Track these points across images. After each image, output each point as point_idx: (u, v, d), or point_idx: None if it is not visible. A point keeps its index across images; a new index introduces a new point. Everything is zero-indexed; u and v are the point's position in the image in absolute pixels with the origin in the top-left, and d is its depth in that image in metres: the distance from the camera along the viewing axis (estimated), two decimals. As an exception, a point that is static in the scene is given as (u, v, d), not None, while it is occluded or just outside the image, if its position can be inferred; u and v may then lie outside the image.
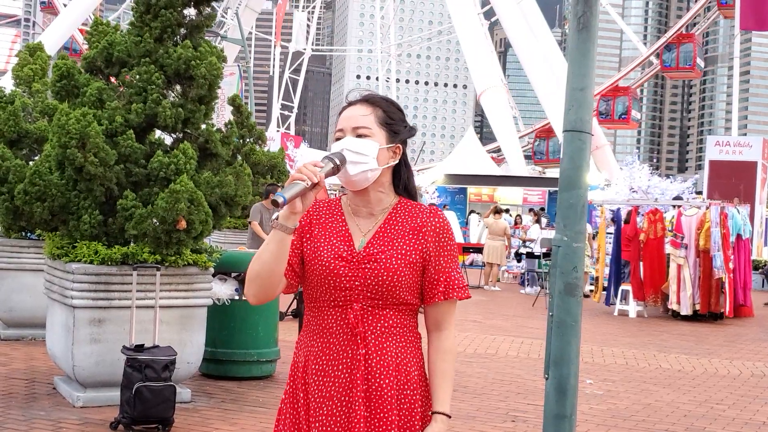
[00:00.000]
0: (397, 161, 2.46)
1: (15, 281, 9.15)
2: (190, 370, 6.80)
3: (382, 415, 2.33)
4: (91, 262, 6.38)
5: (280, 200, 2.20)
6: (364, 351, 2.34)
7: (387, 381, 2.34)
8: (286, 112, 63.11)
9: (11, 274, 9.17)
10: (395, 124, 2.45)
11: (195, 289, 6.75)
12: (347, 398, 2.33)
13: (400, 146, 2.46)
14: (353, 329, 2.34)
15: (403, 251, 2.38)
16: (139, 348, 5.97)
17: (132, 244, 6.57)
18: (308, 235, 2.43)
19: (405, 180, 2.49)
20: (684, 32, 43.21)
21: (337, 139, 2.41)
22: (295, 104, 65.72)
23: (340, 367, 2.35)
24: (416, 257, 2.39)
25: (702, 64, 43.86)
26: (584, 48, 3.91)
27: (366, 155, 2.36)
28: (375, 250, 2.37)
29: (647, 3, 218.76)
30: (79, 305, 6.31)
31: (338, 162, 2.33)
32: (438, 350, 2.45)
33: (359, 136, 2.39)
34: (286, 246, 2.32)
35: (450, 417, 2.43)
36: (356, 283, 2.35)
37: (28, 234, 9.31)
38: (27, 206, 6.53)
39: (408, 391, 2.38)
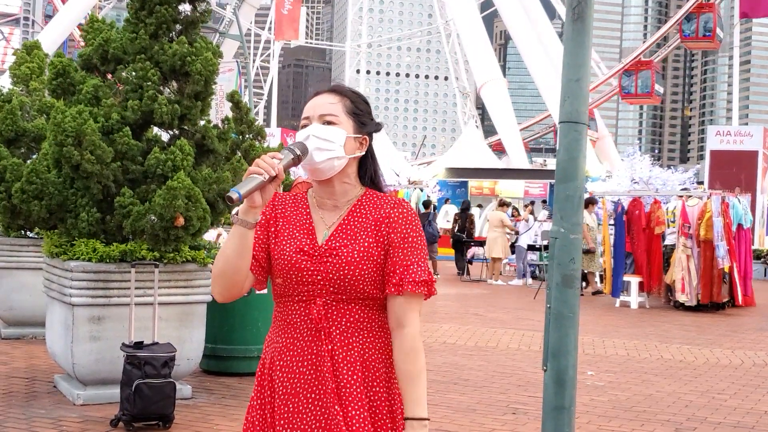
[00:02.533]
0: (363, 152, 2.41)
1: (14, 280, 9.16)
2: (190, 366, 6.80)
3: (354, 413, 2.25)
4: (90, 260, 6.37)
5: (235, 196, 2.14)
6: (329, 347, 2.27)
7: (354, 378, 2.27)
8: (256, 99, 62.99)
9: (10, 272, 9.17)
10: (362, 115, 2.40)
11: (194, 286, 6.74)
12: (314, 395, 2.27)
13: (367, 137, 2.41)
14: (317, 324, 2.28)
15: (366, 244, 2.31)
16: (139, 345, 5.97)
17: (130, 242, 6.56)
18: (273, 228, 2.39)
19: (371, 172, 2.44)
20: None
21: (303, 127, 2.37)
22: (265, 92, 65.13)
23: (306, 363, 2.28)
24: (378, 250, 2.31)
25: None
26: (579, 39, 3.90)
27: (333, 142, 2.32)
28: (337, 244, 2.31)
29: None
30: (78, 303, 6.30)
31: (299, 152, 2.28)
32: (399, 350, 2.32)
33: (326, 123, 2.34)
34: (249, 241, 2.28)
35: (426, 419, 2.31)
36: (318, 277, 2.29)
37: (27, 232, 9.31)
38: (25, 205, 6.52)
39: (376, 389, 2.30)
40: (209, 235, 10.16)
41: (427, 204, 21.67)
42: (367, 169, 2.44)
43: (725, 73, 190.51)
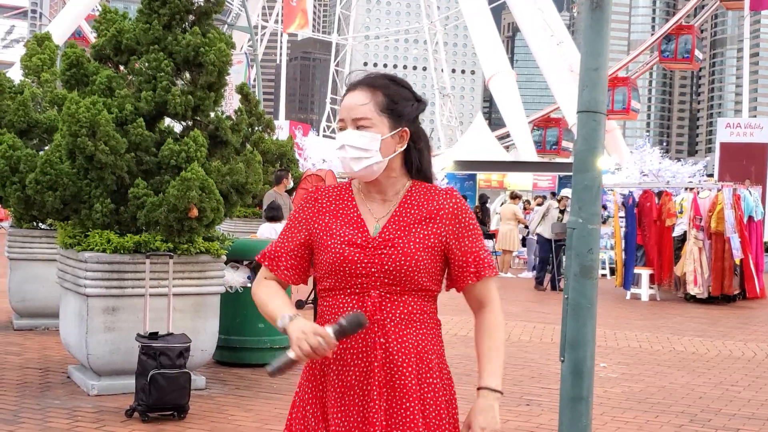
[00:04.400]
0: (404, 147, 2.35)
1: (27, 271, 9.18)
2: (204, 357, 6.80)
3: (403, 402, 2.25)
4: (104, 251, 6.38)
5: (269, 370, 2.20)
6: (383, 339, 2.26)
7: (409, 369, 2.26)
8: (335, 107, 62.62)
9: (23, 264, 9.19)
10: (398, 106, 2.33)
11: (208, 277, 6.74)
12: (366, 387, 2.26)
13: (407, 130, 2.35)
14: (371, 316, 2.25)
15: (421, 236, 2.30)
16: (154, 336, 5.97)
17: (144, 233, 6.57)
18: (318, 225, 2.36)
19: (417, 162, 2.39)
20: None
21: (341, 129, 2.34)
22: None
23: (360, 355, 2.27)
24: (434, 241, 2.31)
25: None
26: (598, 27, 3.87)
27: (368, 149, 2.28)
28: (391, 236, 2.29)
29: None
30: (92, 294, 6.31)
31: (349, 329, 2.19)
32: (483, 328, 2.40)
33: (359, 127, 2.30)
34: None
35: (500, 392, 2.34)
36: (373, 269, 2.27)
37: (39, 224, 9.32)
38: (39, 195, 6.53)
39: (430, 379, 2.29)
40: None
41: (482, 198, 23.35)
42: (413, 160, 2.39)
43: (733, 65, 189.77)
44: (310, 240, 2.38)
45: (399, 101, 2.34)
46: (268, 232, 10.32)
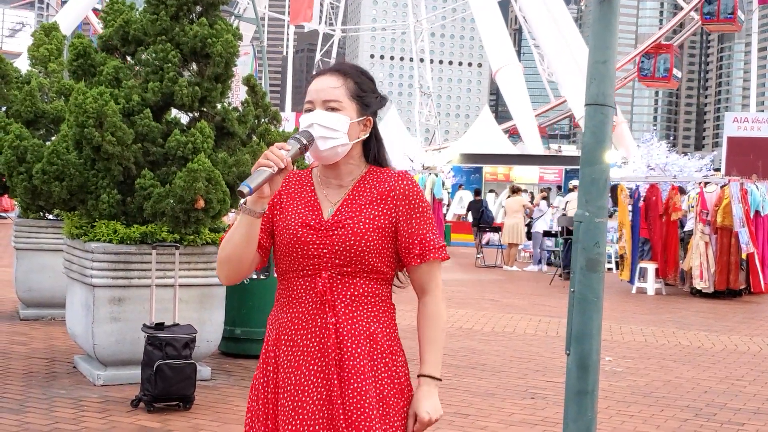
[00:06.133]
0: (367, 135, 2.42)
1: (33, 261, 9.20)
2: (210, 348, 6.82)
3: (356, 385, 2.28)
4: (110, 242, 6.39)
5: (246, 190, 2.18)
6: (334, 319, 2.30)
7: (359, 350, 2.29)
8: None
9: (30, 254, 9.21)
10: (366, 96, 2.40)
11: (214, 268, 6.74)
12: (318, 367, 2.29)
13: (371, 119, 2.42)
14: (321, 297, 2.30)
15: (371, 216, 2.34)
16: (160, 326, 5.98)
17: (151, 224, 6.57)
18: (279, 207, 2.42)
19: (375, 152, 2.46)
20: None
21: (307, 111, 2.37)
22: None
23: (310, 336, 2.31)
24: (385, 221, 2.35)
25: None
26: (606, 20, 3.86)
27: (337, 130, 2.32)
28: (342, 217, 2.34)
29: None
30: (98, 284, 6.33)
31: (306, 142, 2.29)
32: (423, 315, 2.42)
33: (330, 109, 2.34)
34: (256, 230, 2.31)
35: (439, 380, 2.39)
36: (324, 250, 2.32)
37: (46, 214, 9.34)
38: (45, 186, 6.54)
39: (382, 362, 2.33)
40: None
41: (477, 192, 23.53)
42: (371, 149, 2.46)
43: (741, 59, 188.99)
44: (272, 219, 2.43)
45: (367, 91, 2.42)
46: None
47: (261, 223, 2.36)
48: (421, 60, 68.08)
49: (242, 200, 2.27)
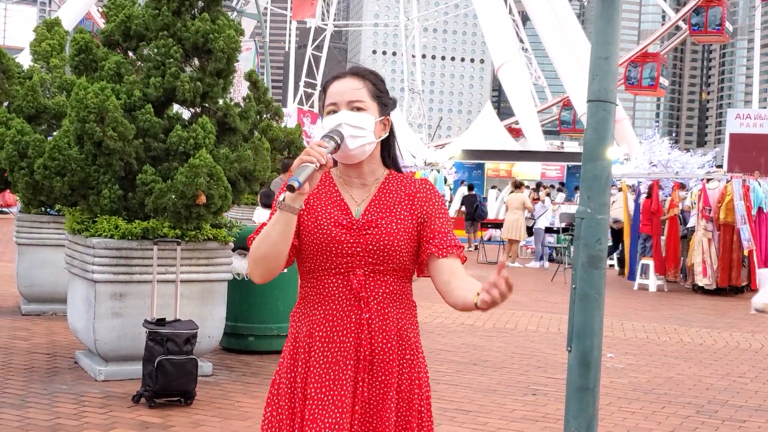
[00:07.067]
0: (387, 134, 2.50)
1: (35, 256, 9.19)
2: (211, 344, 6.82)
3: (383, 377, 2.37)
4: (112, 237, 6.39)
5: (296, 185, 2.20)
6: (367, 315, 2.37)
7: (389, 345, 2.39)
8: (309, 90, 62.21)
9: (31, 249, 9.21)
10: (384, 96, 2.48)
11: (215, 264, 6.75)
12: (353, 361, 2.36)
13: (389, 118, 2.51)
14: (357, 294, 2.37)
15: (401, 217, 2.42)
16: (161, 322, 5.98)
17: (152, 219, 6.57)
18: (306, 207, 2.43)
19: (393, 152, 2.54)
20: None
21: (330, 113, 2.42)
22: (318, 81, 64.96)
23: (345, 332, 2.37)
24: (412, 222, 2.43)
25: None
26: (608, 16, 3.85)
27: (364, 128, 2.39)
28: (374, 217, 2.41)
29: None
30: (100, 280, 6.33)
31: (339, 140, 2.35)
32: (461, 285, 2.34)
33: (354, 109, 2.41)
34: (293, 226, 2.33)
35: None
36: (358, 249, 2.38)
37: (47, 209, 9.34)
38: (47, 181, 6.53)
39: (408, 356, 2.42)
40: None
41: (470, 187, 24.02)
42: (390, 149, 2.54)
43: (744, 56, 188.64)
44: (298, 219, 2.43)
45: (384, 92, 2.50)
46: (264, 217, 10.32)
47: None
48: (413, 56, 67.96)
49: (281, 197, 2.28)
